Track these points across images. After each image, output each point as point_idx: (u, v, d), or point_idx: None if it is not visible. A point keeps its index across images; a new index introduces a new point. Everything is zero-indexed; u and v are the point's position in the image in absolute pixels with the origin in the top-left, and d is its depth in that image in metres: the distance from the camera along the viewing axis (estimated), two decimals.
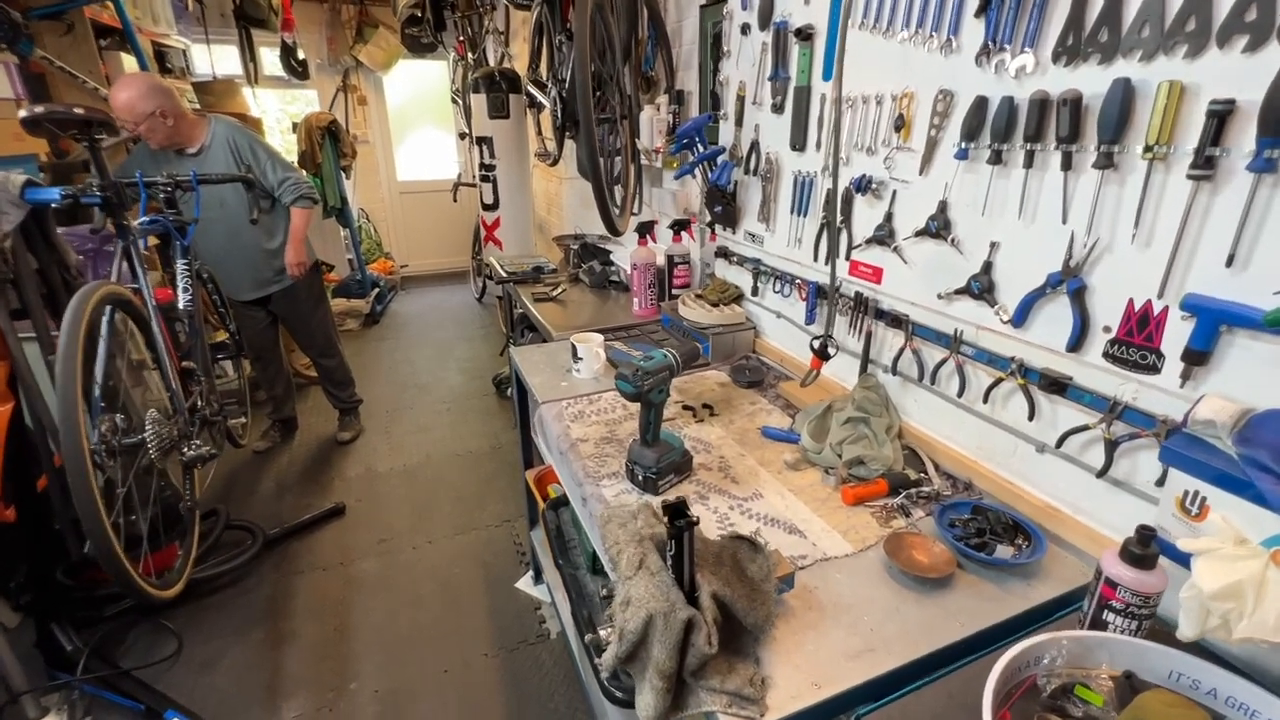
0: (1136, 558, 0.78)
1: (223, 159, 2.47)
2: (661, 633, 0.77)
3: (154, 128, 2.31)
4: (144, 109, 2.25)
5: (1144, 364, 0.90)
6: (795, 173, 1.57)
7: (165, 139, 2.38)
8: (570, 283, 2.66)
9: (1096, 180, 0.91)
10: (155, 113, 2.28)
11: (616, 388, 1.13)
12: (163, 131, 2.34)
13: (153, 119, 2.29)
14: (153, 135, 2.34)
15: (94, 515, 1.26)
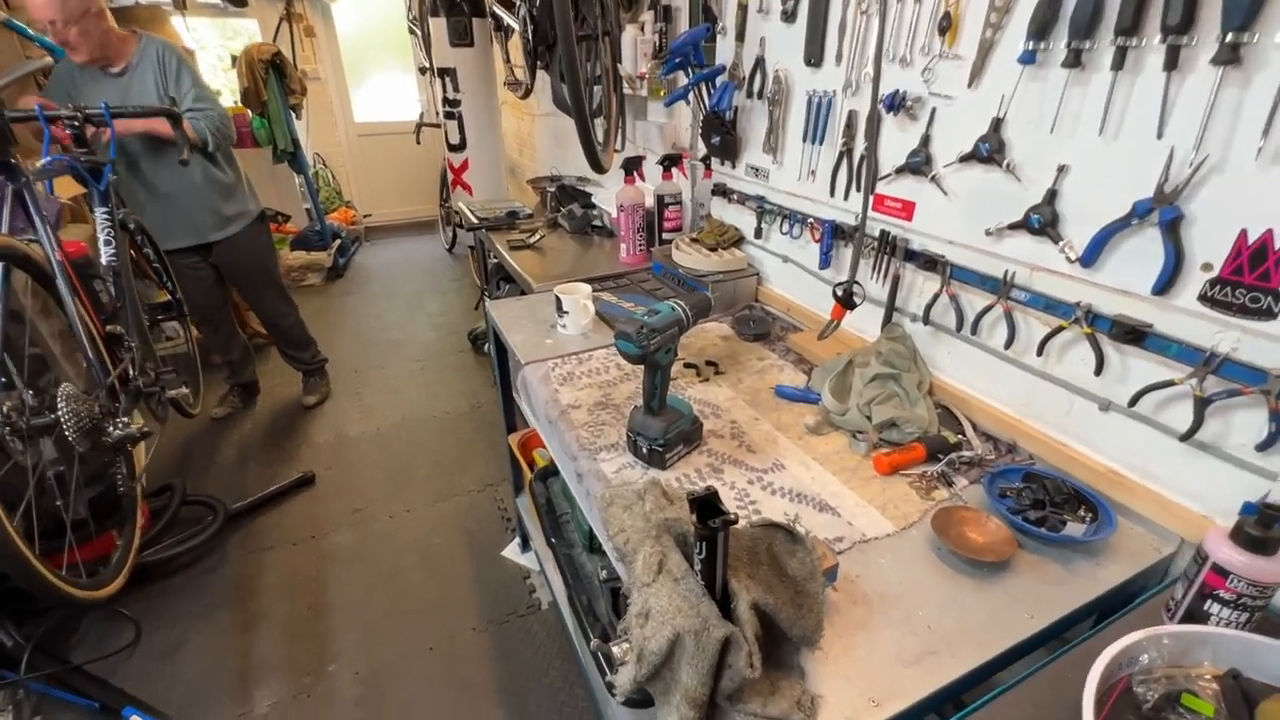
0: (1256, 541, 0.65)
1: (151, 80, 2.12)
2: (692, 655, 0.62)
3: (87, 31, 1.94)
4: (77, 6, 1.89)
5: (1254, 308, 0.75)
6: (809, 93, 1.36)
7: (97, 48, 2.00)
8: (549, 228, 2.43)
9: (1213, 81, 0.73)
10: (90, 10, 1.92)
11: (617, 348, 0.95)
12: (96, 36, 1.97)
13: (86, 19, 1.92)
14: (83, 43, 1.96)
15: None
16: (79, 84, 2.06)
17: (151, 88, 2.12)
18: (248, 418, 2.99)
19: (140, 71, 2.10)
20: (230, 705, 1.67)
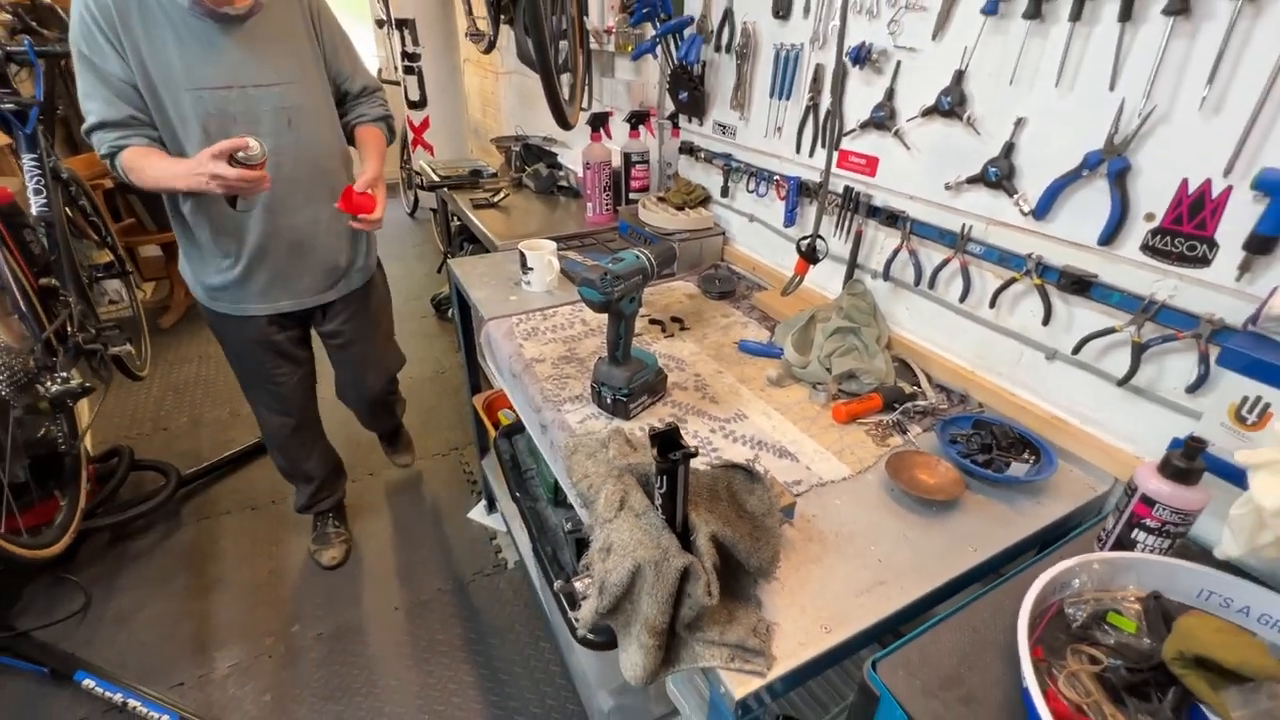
0: (1181, 472, 0.69)
1: (288, 26, 1.29)
2: (652, 584, 0.64)
3: None
4: None
5: (1191, 256, 0.78)
6: (777, 46, 1.35)
7: None
8: (513, 188, 2.37)
9: (1163, 31, 0.75)
10: None
11: (580, 295, 0.94)
12: None
13: None
14: None
15: None
16: (159, 31, 1.16)
17: (304, 43, 1.31)
18: (199, 383, 2.89)
19: (275, 14, 1.26)
20: (189, 668, 1.65)
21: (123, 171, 1.18)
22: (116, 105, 1.15)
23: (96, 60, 1.13)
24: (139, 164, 1.17)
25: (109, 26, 1.12)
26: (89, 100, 1.15)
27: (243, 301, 1.44)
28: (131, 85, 1.16)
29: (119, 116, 1.16)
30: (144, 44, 1.15)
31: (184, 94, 1.19)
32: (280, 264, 1.42)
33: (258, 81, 1.26)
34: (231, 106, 1.24)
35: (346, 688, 1.60)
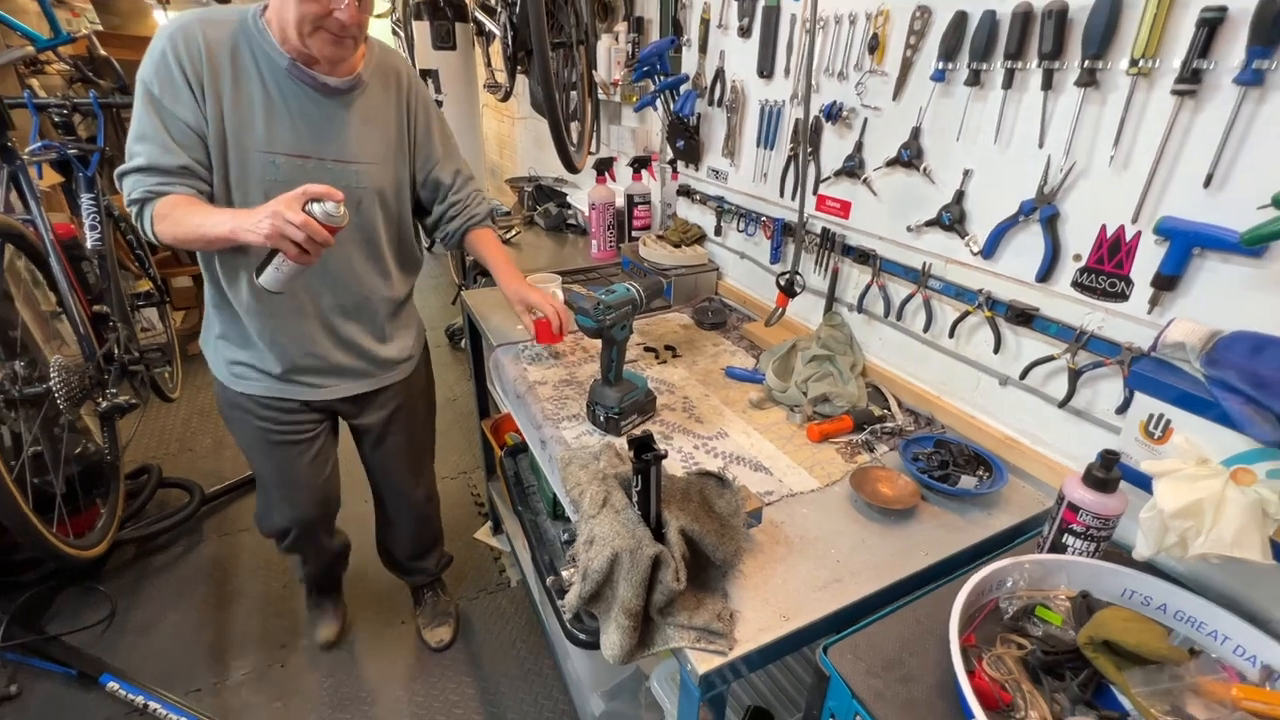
0: (1099, 481, 0.78)
1: (382, 105, 1.19)
2: (628, 570, 0.73)
3: (360, 23, 1.06)
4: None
5: (1112, 292, 0.89)
6: (762, 102, 1.49)
7: (350, 45, 1.08)
8: (525, 226, 2.53)
9: (1077, 99, 0.87)
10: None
11: (576, 323, 1.06)
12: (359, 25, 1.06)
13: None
14: (358, 29, 1.06)
15: None
16: (248, 86, 1.07)
17: (394, 126, 1.22)
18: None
19: (370, 92, 1.17)
20: (206, 675, 1.73)
21: (150, 220, 1.03)
22: (174, 152, 1.04)
23: (167, 102, 1.03)
24: (176, 212, 1.03)
25: (194, 70, 1.03)
26: (143, 142, 1.03)
27: (265, 380, 1.28)
28: (198, 135, 1.05)
29: (173, 164, 1.04)
30: (229, 95, 1.06)
31: (255, 155, 1.09)
32: (316, 347, 1.26)
33: (339, 156, 1.15)
34: (303, 176, 1.11)
35: (353, 697, 1.67)
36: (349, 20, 1.02)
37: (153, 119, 1.03)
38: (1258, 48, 0.69)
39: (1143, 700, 0.65)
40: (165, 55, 1.03)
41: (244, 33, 1.07)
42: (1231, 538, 0.68)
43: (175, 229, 1.03)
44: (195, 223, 1.02)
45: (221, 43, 1.06)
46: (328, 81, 1.11)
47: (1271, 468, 0.68)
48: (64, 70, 3.14)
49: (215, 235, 1.00)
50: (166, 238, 1.06)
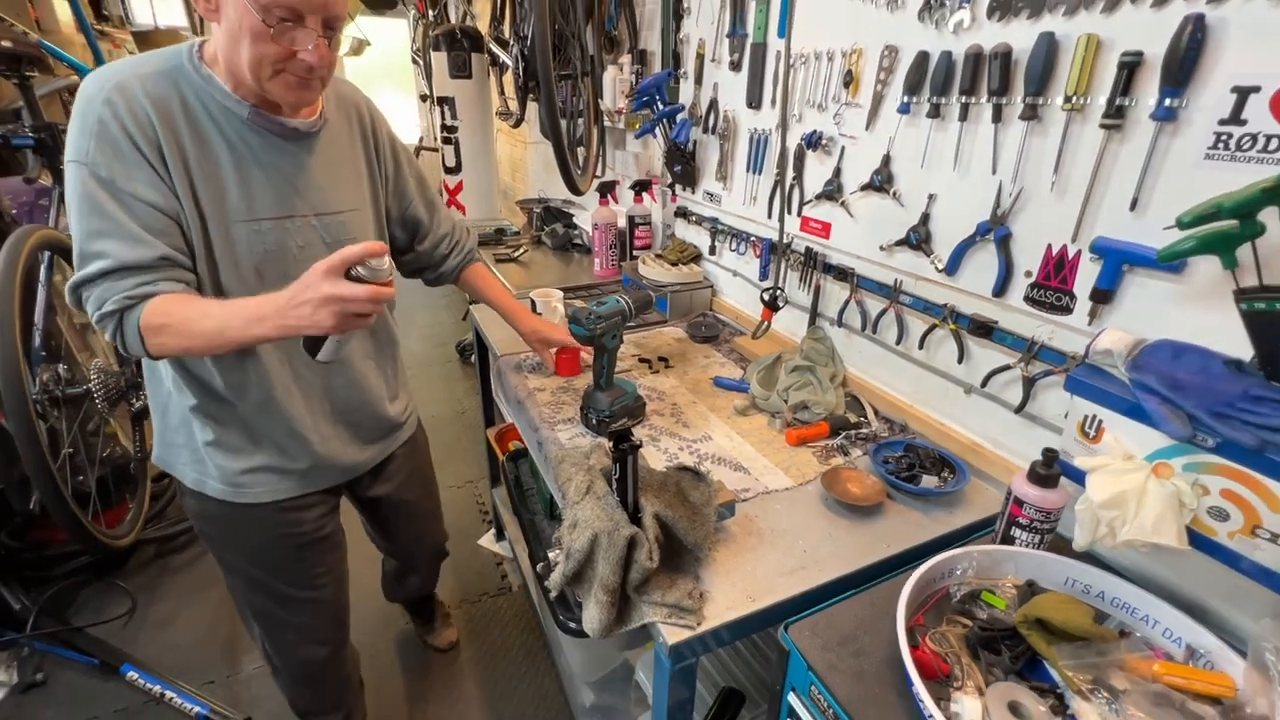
0: (1041, 478, 0.85)
1: (348, 144, 1.09)
2: (606, 550, 0.81)
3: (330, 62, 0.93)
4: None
5: (1059, 305, 0.96)
6: (751, 130, 1.60)
7: (318, 87, 0.94)
8: (533, 245, 2.65)
9: (1022, 132, 0.96)
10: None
11: (570, 331, 1.15)
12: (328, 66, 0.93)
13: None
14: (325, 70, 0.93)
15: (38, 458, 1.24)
16: (211, 148, 0.91)
17: (364, 164, 1.12)
18: None
19: (331, 130, 1.05)
20: (220, 668, 1.81)
21: (137, 333, 0.83)
22: (146, 243, 0.83)
23: (121, 182, 0.82)
24: (176, 318, 0.83)
25: (146, 138, 0.84)
26: (102, 239, 0.81)
27: (286, 479, 1.10)
28: (169, 216, 0.86)
29: (149, 258, 0.83)
30: (194, 160, 0.88)
31: (237, 227, 0.93)
32: (335, 426, 1.14)
33: (320, 209, 1.01)
34: (291, 239, 0.99)
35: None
36: (317, 62, 0.86)
37: (108, 207, 0.81)
38: (1169, 88, 0.78)
39: (1068, 671, 0.72)
40: (106, 125, 0.82)
41: (187, 82, 0.88)
42: (1151, 525, 0.75)
43: (182, 340, 0.84)
44: (212, 328, 0.83)
45: (167, 98, 0.86)
46: (296, 126, 0.95)
47: (1187, 462, 0.75)
48: None
49: (250, 338, 0.84)
50: (169, 350, 0.85)
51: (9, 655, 1.75)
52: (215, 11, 0.84)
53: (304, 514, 1.15)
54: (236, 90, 0.90)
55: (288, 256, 0.99)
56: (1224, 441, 0.71)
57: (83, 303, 0.85)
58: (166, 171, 0.86)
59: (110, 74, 0.85)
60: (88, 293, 0.84)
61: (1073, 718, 0.69)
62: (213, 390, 1.00)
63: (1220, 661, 0.72)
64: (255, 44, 0.83)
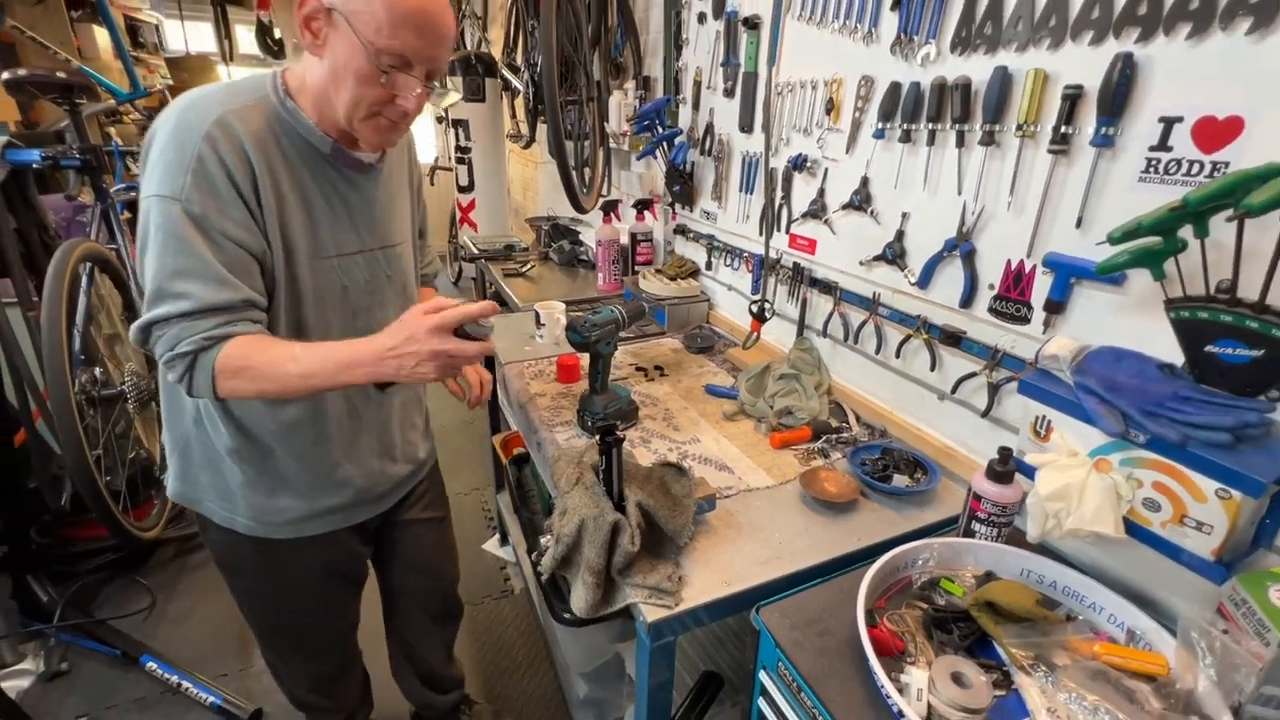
0: (997, 474, 0.92)
1: (399, 176, 1.10)
2: (592, 534, 0.89)
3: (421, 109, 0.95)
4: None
5: (1018, 316, 1.04)
6: (744, 153, 1.69)
7: (403, 131, 0.97)
8: (540, 261, 2.76)
9: (982, 156, 1.04)
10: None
11: (567, 338, 1.24)
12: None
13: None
14: (403, 125, 0.94)
15: (78, 451, 1.34)
16: (300, 186, 0.90)
17: (409, 194, 1.13)
18: None
19: (391, 165, 1.05)
20: (233, 662, 1.89)
21: (210, 375, 0.80)
22: (231, 285, 0.81)
23: (214, 221, 0.80)
24: (257, 361, 0.81)
25: (245, 175, 0.82)
26: (187, 279, 0.79)
27: (327, 516, 1.08)
28: (255, 256, 0.85)
29: (234, 300, 0.81)
30: (283, 199, 0.87)
31: (321, 264, 0.92)
32: (380, 459, 1.12)
33: (384, 242, 1.02)
34: (361, 273, 0.98)
35: None
36: (414, 110, 0.88)
37: (197, 246, 0.79)
38: (1105, 118, 0.86)
39: (1013, 649, 0.78)
40: (205, 162, 0.79)
41: (275, 115, 0.87)
42: (1091, 515, 0.81)
43: (260, 383, 0.81)
44: (296, 372, 0.81)
45: (262, 134, 0.85)
46: (366, 160, 0.96)
47: (1123, 457, 0.81)
48: (138, 120, 3.53)
49: (337, 384, 0.84)
50: (240, 393, 0.82)
51: (37, 645, 1.84)
52: (320, 46, 0.84)
53: (337, 548, 1.12)
54: (320, 124, 0.89)
55: (357, 290, 0.99)
56: (1153, 437, 0.77)
57: (150, 342, 0.82)
58: (259, 210, 0.85)
59: (208, 106, 0.82)
60: (161, 332, 0.80)
61: (1015, 690, 0.75)
62: (257, 431, 0.96)
63: (1157, 643, 0.78)
64: (359, 86, 0.83)
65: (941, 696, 0.71)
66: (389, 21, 0.80)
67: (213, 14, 4.70)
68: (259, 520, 1.03)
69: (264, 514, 1.03)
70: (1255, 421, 0.72)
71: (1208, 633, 0.71)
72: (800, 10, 1.40)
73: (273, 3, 5.07)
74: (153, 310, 0.80)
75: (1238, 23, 0.73)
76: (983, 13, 1.01)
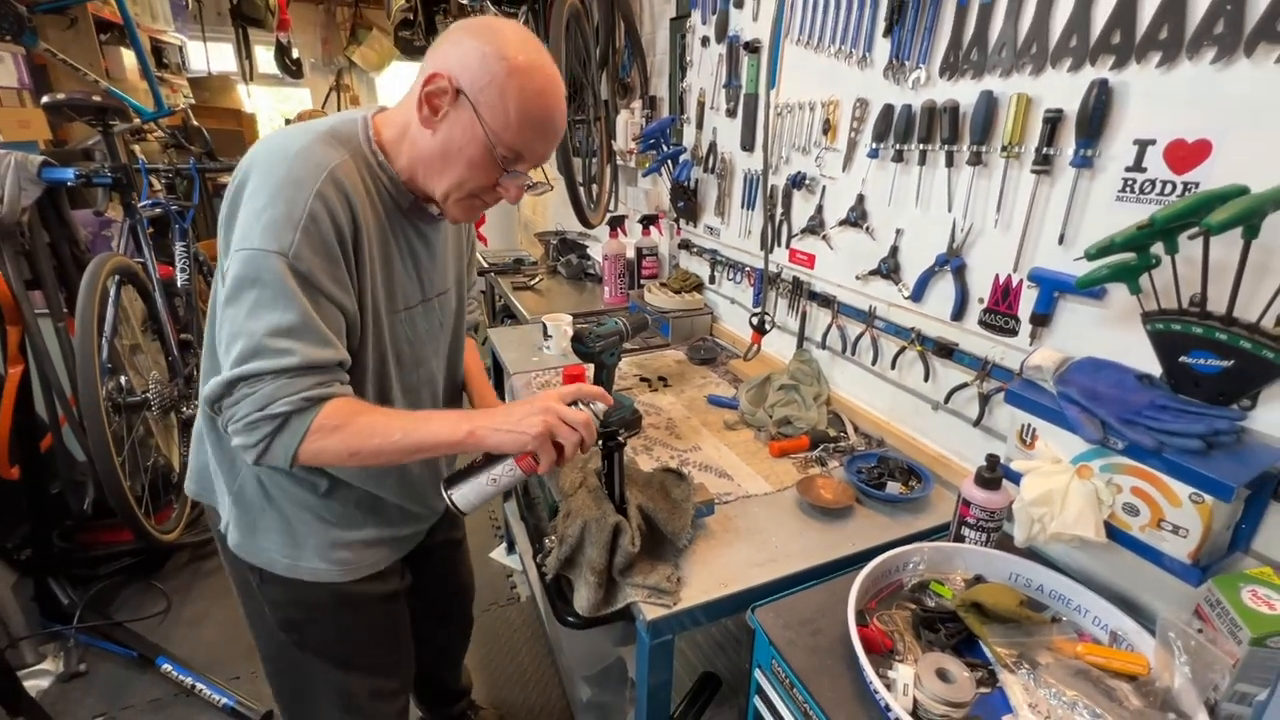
0: (985, 480, 0.95)
1: (453, 231, 1.07)
2: (594, 535, 0.93)
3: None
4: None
5: (1006, 328, 1.07)
6: (746, 171, 1.75)
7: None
8: (548, 274, 2.82)
9: (970, 176, 1.09)
10: None
11: (573, 349, 1.28)
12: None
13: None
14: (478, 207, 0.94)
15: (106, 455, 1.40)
16: (383, 242, 0.89)
17: (463, 241, 1.13)
18: None
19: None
20: (245, 665, 1.93)
21: (303, 435, 0.76)
22: (332, 345, 0.79)
23: (318, 280, 0.77)
24: (359, 422, 0.78)
25: (349, 236, 0.80)
26: (289, 337, 0.75)
27: (394, 545, 1.07)
28: (348, 316, 0.83)
29: (332, 360, 0.79)
30: (376, 257, 0.85)
31: (392, 318, 0.91)
32: (438, 481, 1.02)
33: (439, 289, 1.01)
34: (421, 325, 0.97)
35: None
36: (513, 200, 0.90)
37: (304, 305, 0.76)
38: (1084, 139, 0.90)
39: (998, 648, 0.81)
40: (318, 220, 0.76)
41: (367, 167, 0.85)
42: (1073, 519, 0.84)
43: (358, 441, 0.78)
44: (395, 430, 0.79)
45: (362, 190, 0.82)
46: (435, 211, 0.93)
47: (1103, 464, 0.85)
48: (160, 138, 3.65)
49: (436, 444, 0.81)
50: (326, 456, 0.78)
51: (56, 646, 1.90)
52: (436, 122, 0.82)
53: (393, 577, 1.10)
54: (408, 184, 0.88)
55: (418, 342, 0.98)
56: (1130, 444, 0.81)
57: (232, 397, 0.75)
58: (355, 268, 0.82)
59: (316, 158, 0.78)
60: (251, 390, 0.74)
61: (1000, 687, 0.78)
62: (338, 474, 0.94)
63: (1139, 644, 0.81)
64: (469, 170, 0.83)
65: (927, 691, 0.74)
66: (517, 121, 0.80)
67: (234, 35, 4.85)
68: (330, 561, 0.97)
69: (332, 554, 0.97)
70: (1226, 429, 0.75)
71: (1185, 633, 0.74)
72: (799, 35, 1.46)
73: (292, 25, 5.23)
74: (246, 365, 0.74)
75: (1204, 52, 0.77)
76: (969, 40, 1.06)
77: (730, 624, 1.54)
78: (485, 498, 0.84)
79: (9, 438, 1.72)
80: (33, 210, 1.63)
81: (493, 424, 0.80)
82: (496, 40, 0.79)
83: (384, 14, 5.51)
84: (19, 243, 1.62)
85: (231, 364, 0.75)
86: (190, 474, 1.03)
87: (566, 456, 0.82)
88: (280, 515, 0.94)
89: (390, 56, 5.76)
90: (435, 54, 0.82)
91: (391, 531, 1.04)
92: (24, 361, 1.66)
